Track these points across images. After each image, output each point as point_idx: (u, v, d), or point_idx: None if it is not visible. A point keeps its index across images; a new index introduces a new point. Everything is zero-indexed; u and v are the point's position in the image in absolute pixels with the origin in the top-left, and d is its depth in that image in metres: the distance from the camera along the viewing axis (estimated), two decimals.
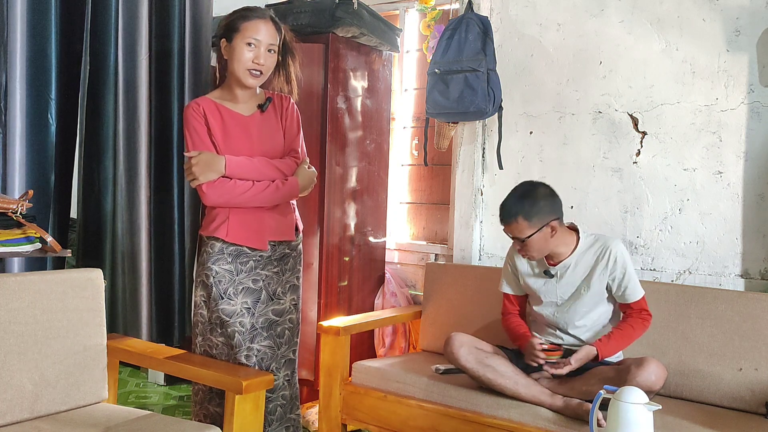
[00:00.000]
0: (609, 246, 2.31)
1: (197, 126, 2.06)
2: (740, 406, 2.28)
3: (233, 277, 2.09)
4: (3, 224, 1.93)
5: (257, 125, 2.13)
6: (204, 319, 2.13)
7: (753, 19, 2.57)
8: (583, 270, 2.33)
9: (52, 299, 1.92)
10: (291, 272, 2.20)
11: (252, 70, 2.04)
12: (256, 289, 2.11)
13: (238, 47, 2.02)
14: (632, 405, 1.72)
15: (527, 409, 2.24)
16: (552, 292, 2.38)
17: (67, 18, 2.36)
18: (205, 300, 2.11)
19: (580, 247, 2.35)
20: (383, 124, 3.38)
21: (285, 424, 2.20)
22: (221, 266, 2.09)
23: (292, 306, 2.19)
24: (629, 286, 2.29)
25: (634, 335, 2.27)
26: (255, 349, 2.11)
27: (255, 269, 2.11)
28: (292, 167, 2.13)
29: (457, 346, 2.34)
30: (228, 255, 2.10)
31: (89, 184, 2.50)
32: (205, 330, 2.14)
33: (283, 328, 2.17)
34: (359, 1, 2.96)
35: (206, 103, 2.10)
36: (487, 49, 2.91)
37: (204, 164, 2.01)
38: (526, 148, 3.09)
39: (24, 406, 1.83)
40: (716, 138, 2.65)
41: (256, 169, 2.06)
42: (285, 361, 2.18)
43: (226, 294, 2.07)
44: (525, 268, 2.45)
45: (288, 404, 2.21)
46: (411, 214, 3.63)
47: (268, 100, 2.15)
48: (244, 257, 2.11)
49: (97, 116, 2.48)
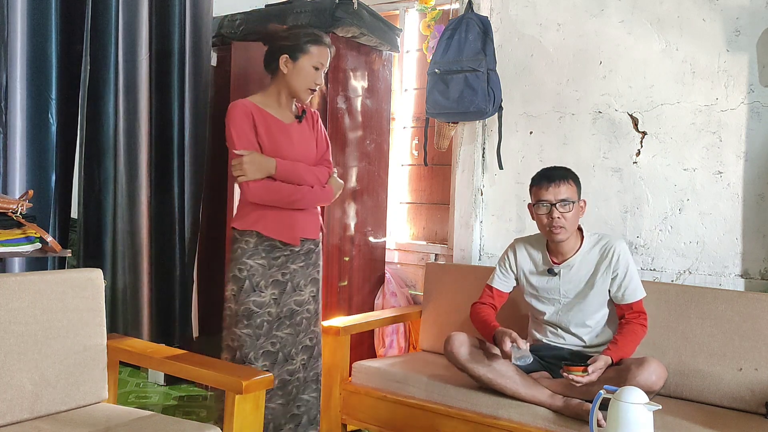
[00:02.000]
0: (613, 245, 2.32)
1: (245, 126, 2.19)
2: (740, 406, 2.28)
3: (266, 270, 2.23)
4: (3, 224, 1.93)
5: (296, 133, 2.30)
6: (231, 312, 2.24)
7: (753, 19, 2.58)
8: (586, 269, 2.33)
9: (52, 299, 1.92)
10: (313, 267, 2.36)
11: (311, 89, 2.25)
12: (283, 281, 2.26)
13: (305, 68, 2.22)
14: (632, 405, 1.72)
15: (527, 409, 2.24)
16: (555, 290, 2.37)
17: (68, 18, 2.36)
18: (235, 293, 2.22)
19: (585, 246, 2.35)
20: (383, 124, 3.38)
21: (297, 403, 2.32)
22: (255, 261, 2.22)
23: (311, 297, 2.34)
24: (630, 286, 2.29)
25: (637, 340, 2.26)
26: (279, 336, 2.25)
27: (285, 264, 2.27)
28: (326, 175, 2.34)
29: (457, 345, 2.34)
30: (262, 250, 2.23)
31: (90, 184, 2.50)
32: (230, 324, 2.24)
33: (302, 317, 2.31)
34: (359, 1, 2.96)
35: (252, 106, 2.23)
36: (487, 49, 2.91)
37: (256, 164, 2.16)
38: (526, 148, 3.09)
39: (24, 406, 1.83)
40: (716, 138, 2.65)
41: (299, 174, 2.24)
42: (302, 347, 2.32)
43: (257, 287, 2.22)
44: (528, 266, 2.44)
45: (301, 385, 2.33)
46: (411, 214, 3.63)
47: (304, 111, 2.34)
48: (276, 252, 2.25)
49: (98, 116, 2.48)
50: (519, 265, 2.46)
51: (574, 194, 2.30)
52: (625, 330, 2.26)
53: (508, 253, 2.50)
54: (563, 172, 2.34)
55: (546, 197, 2.29)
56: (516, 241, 2.52)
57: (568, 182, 2.31)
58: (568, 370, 2.10)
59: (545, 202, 2.29)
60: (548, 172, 2.35)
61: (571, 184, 2.31)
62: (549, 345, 2.41)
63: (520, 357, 2.19)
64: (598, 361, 2.13)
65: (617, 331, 2.29)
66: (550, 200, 2.28)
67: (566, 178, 2.31)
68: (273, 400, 2.23)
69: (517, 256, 2.46)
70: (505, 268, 2.49)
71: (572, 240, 2.35)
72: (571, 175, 2.33)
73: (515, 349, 2.18)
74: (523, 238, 2.52)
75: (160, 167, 2.74)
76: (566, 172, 2.34)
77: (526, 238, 2.52)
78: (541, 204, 2.30)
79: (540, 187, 2.32)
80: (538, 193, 2.32)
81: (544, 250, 2.42)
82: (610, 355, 2.17)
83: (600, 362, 2.13)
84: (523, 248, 2.47)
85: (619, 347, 2.20)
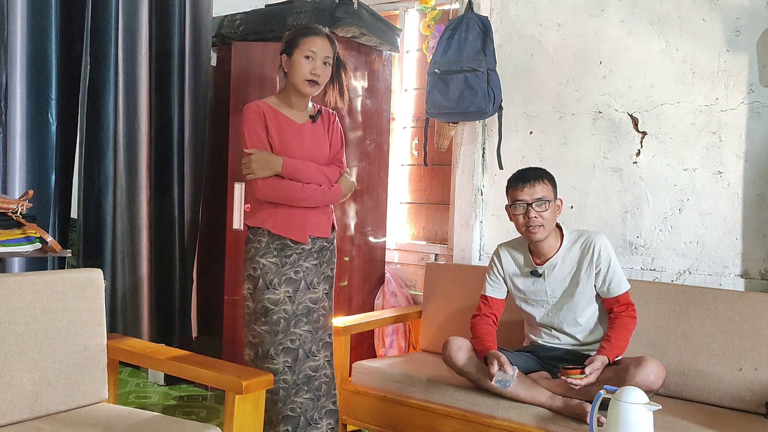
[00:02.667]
0: (593, 240, 2.33)
1: (256, 126, 2.23)
2: (740, 406, 2.28)
3: (278, 268, 2.25)
4: (3, 224, 1.93)
5: (308, 133, 2.32)
6: (249, 310, 2.27)
7: (753, 19, 2.57)
8: (569, 266, 2.34)
9: (52, 299, 1.92)
10: (327, 264, 2.38)
11: (309, 80, 2.25)
12: (296, 279, 2.28)
13: (297, 60, 2.23)
14: (632, 405, 1.72)
15: (527, 409, 2.24)
16: (541, 292, 2.38)
17: (67, 18, 2.36)
18: (251, 292, 2.26)
19: (565, 244, 2.36)
20: (383, 124, 3.38)
21: (331, 399, 2.34)
22: (268, 259, 2.25)
23: (324, 294, 2.36)
24: (614, 279, 2.30)
25: (629, 334, 2.26)
26: (297, 333, 2.27)
27: (297, 261, 2.28)
28: (337, 175, 2.35)
29: (454, 350, 2.34)
30: (274, 249, 2.25)
31: (89, 184, 2.50)
32: (249, 321, 2.27)
33: (318, 314, 2.34)
34: (359, 1, 2.96)
35: (265, 107, 2.26)
36: (487, 49, 2.91)
37: (263, 162, 2.20)
38: (526, 148, 3.09)
39: (24, 406, 1.83)
40: (716, 138, 2.65)
41: (307, 173, 2.26)
42: (323, 343, 2.34)
43: (271, 284, 2.24)
44: (512, 269, 2.45)
45: (330, 381, 2.35)
46: (411, 214, 3.63)
47: (319, 112, 2.36)
48: (288, 250, 2.27)
49: (98, 116, 2.48)
50: (505, 269, 2.46)
51: (549, 193, 2.33)
52: (615, 325, 2.27)
53: (494, 260, 2.51)
54: (537, 172, 2.37)
55: (522, 197, 2.32)
56: (499, 246, 2.53)
57: (543, 182, 2.33)
58: (566, 374, 2.10)
59: (521, 203, 2.32)
60: (523, 173, 2.38)
61: (546, 183, 2.33)
62: (545, 346, 2.41)
63: (501, 380, 2.16)
64: (595, 362, 2.12)
65: (608, 327, 2.29)
66: (526, 200, 2.31)
67: (541, 178, 2.34)
68: (300, 395, 2.25)
69: (502, 261, 2.47)
70: (494, 274, 2.49)
71: (552, 239, 2.36)
72: (545, 175, 2.36)
73: (500, 372, 2.17)
74: (506, 243, 2.53)
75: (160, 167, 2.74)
76: (540, 173, 2.37)
77: (509, 242, 2.53)
78: (518, 204, 2.33)
79: (515, 188, 2.34)
80: (513, 194, 2.35)
81: (526, 252, 2.43)
82: (606, 354, 2.17)
83: (597, 362, 2.13)
84: (506, 252, 2.49)
85: (613, 344, 2.21)
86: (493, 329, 2.41)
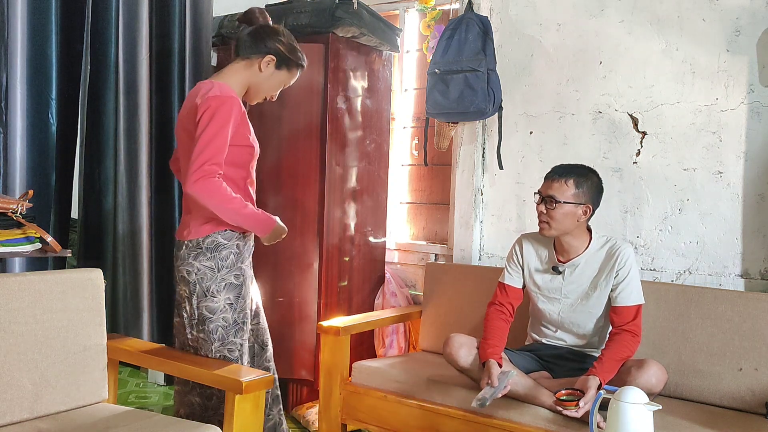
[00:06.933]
0: (620, 247, 2.28)
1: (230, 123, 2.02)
2: (740, 406, 2.28)
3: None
4: (3, 224, 1.93)
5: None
6: (227, 323, 2.10)
7: (753, 19, 2.57)
8: (592, 270, 2.31)
9: (52, 299, 1.92)
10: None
11: (267, 98, 2.22)
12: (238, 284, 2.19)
13: (281, 80, 2.19)
14: (632, 405, 1.72)
15: (527, 410, 2.24)
16: (557, 290, 2.36)
17: (67, 18, 2.36)
18: (231, 303, 2.10)
19: (592, 247, 2.32)
20: (383, 124, 3.38)
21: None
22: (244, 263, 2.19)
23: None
24: (626, 288, 2.24)
25: (624, 354, 2.17)
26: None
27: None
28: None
29: (456, 347, 2.33)
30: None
31: (90, 184, 2.50)
32: (226, 334, 2.10)
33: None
34: (359, 1, 2.96)
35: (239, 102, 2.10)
36: (487, 49, 2.90)
37: (278, 236, 2.15)
38: (526, 148, 3.09)
39: (24, 406, 1.83)
40: (716, 138, 2.65)
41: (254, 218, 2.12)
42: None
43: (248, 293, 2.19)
44: (534, 262, 2.42)
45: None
46: (411, 214, 3.63)
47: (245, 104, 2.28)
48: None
49: (98, 116, 2.48)
50: (525, 259, 2.43)
51: (566, 195, 2.24)
52: (612, 343, 2.19)
53: (515, 248, 2.47)
54: (567, 170, 2.28)
55: (541, 189, 2.31)
56: (523, 236, 2.50)
57: (566, 182, 2.25)
58: (561, 405, 2.07)
59: (538, 194, 2.31)
60: (556, 167, 2.34)
61: (568, 184, 2.25)
62: (548, 345, 2.41)
63: (480, 399, 2.10)
64: (588, 393, 2.04)
65: (605, 346, 2.22)
66: (541, 193, 2.30)
67: (566, 177, 2.26)
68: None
69: (523, 251, 2.44)
70: (513, 262, 2.46)
71: (578, 240, 2.32)
72: (575, 176, 2.26)
73: (486, 389, 2.13)
74: (530, 234, 2.48)
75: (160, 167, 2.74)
76: (570, 172, 2.27)
77: (533, 234, 2.46)
78: (536, 194, 2.32)
79: (545, 178, 2.33)
80: (543, 183, 2.33)
81: (551, 248, 2.39)
82: (597, 375, 2.09)
83: (591, 392, 2.04)
84: (529, 244, 2.44)
85: (605, 367, 2.12)
86: (506, 325, 2.37)
